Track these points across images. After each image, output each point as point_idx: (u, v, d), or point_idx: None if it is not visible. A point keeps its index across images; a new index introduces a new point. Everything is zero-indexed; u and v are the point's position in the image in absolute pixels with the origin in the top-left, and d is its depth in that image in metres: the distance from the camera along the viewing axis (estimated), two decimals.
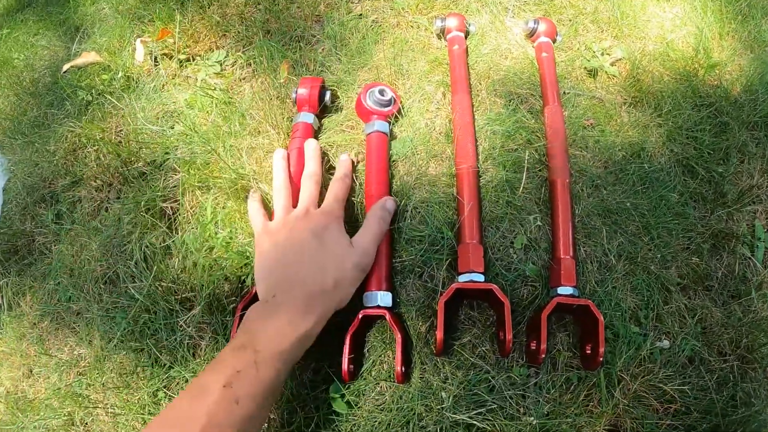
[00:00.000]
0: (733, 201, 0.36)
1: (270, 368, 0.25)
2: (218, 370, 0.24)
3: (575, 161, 0.36)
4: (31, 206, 0.43)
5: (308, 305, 0.27)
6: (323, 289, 0.28)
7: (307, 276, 0.28)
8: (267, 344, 0.25)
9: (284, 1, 0.44)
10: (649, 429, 0.31)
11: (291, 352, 0.26)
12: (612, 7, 0.43)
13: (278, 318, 0.26)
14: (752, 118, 0.40)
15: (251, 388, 0.24)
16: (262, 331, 0.26)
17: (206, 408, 0.23)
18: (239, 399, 0.23)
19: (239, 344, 0.25)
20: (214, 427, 0.23)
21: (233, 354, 0.25)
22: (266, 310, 0.27)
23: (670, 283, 0.34)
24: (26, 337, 0.38)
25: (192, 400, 0.24)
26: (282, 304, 0.27)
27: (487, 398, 0.29)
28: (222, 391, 0.23)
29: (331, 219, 0.30)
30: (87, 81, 0.46)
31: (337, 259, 0.29)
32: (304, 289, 0.27)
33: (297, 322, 0.26)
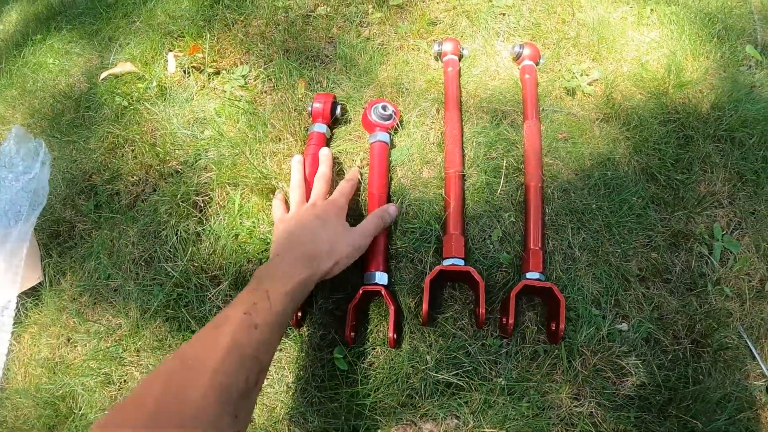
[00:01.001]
0: (693, 205, 0.52)
1: (280, 303, 0.37)
2: (237, 304, 0.36)
3: (548, 168, 0.52)
4: (71, 197, 0.61)
5: (306, 260, 0.41)
6: (318, 253, 0.42)
7: (307, 242, 0.42)
8: (275, 286, 0.38)
9: (301, 24, 0.64)
10: (607, 398, 0.45)
11: (294, 294, 0.38)
12: (592, 32, 0.60)
13: (282, 267, 0.40)
14: (718, 131, 0.56)
15: (266, 317, 0.35)
16: (271, 276, 0.39)
17: (230, 331, 0.33)
18: (257, 325, 0.34)
19: (253, 287, 0.38)
20: (237, 346, 0.32)
21: (249, 293, 0.37)
22: (272, 263, 0.41)
23: (630, 275, 0.49)
24: (66, 309, 0.55)
25: (217, 326, 0.34)
26: (285, 259, 0.41)
27: (465, 361, 0.45)
28: (242, 317, 0.34)
29: (334, 208, 0.46)
30: (123, 88, 0.65)
31: (333, 236, 0.44)
32: (302, 249, 0.42)
33: (297, 271, 0.40)
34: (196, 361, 0.31)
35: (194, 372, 0.30)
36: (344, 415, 0.44)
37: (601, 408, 0.45)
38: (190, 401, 0.29)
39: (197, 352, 0.32)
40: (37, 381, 0.54)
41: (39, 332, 0.56)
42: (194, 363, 0.31)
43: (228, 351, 0.31)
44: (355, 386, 0.45)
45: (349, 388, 0.45)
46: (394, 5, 0.63)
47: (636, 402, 0.46)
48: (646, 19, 0.63)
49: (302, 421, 0.45)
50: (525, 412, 0.44)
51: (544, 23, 0.62)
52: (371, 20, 0.63)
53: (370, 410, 0.44)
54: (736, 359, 0.49)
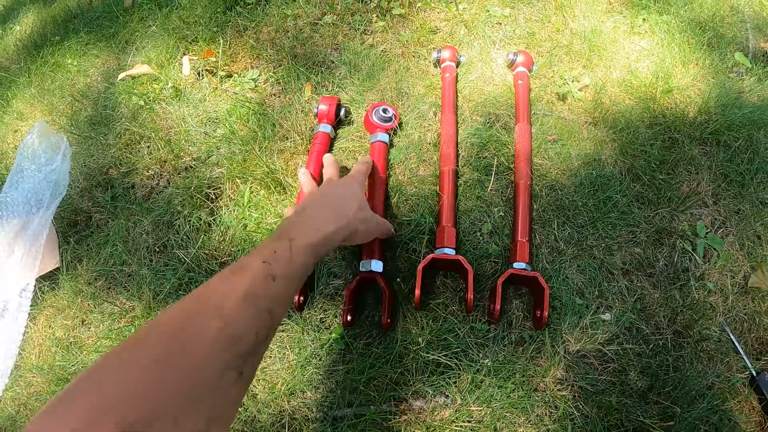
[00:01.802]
0: (677, 204, 0.61)
1: (302, 255, 0.38)
2: (258, 252, 0.36)
3: (537, 168, 0.62)
4: (88, 189, 0.73)
5: (332, 217, 0.44)
6: (347, 211, 0.46)
7: (336, 200, 0.47)
8: (299, 236, 0.40)
9: (309, 31, 0.76)
10: (590, 383, 0.54)
11: (318, 247, 0.40)
12: (584, 41, 0.71)
13: (308, 220, 0.43)
14: (704, 135, 0.66)
15: (285, 269, 0.36)
16: (296, 227, 0.41)
17: (246, 280, 0.33)
18: (276, 276, 0.35)
19: (276, 236, 0.40)
20: (252, 296, 0.32)
21: (271, 241, 0.38)
22: (298, 215, 0.44)
23: (614, 267, 0.58)
24: (82, 293, 0.66)
25: (233, 274, 0.34)
26: (311, 212, 0.44)
27: (454, 343, 0.54)
28: (261, 267, 0.34)
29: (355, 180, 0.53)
30: (140, 89, 0.78)
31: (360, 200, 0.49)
32: (331, 204, 0.46)
33: (324, 223, 0.43)
34: (210, 306, 0.31)
35: (207, 317, 0.30)
36: (340, 390, 0.53)
37: (583, 392, 0.54)
38: (198, 348, 0.28)
39: (212, 296, 0.32)
40: (51, 360, 0.64)
41: (54, 314, 0.67)
42: (208, 307, 0.31)
43: (243, 300, 0.32)
44: (351, 364, 0.54)
45: (345, 366, 0.54)
46: (397, 15, 0.75)
47: (617, 387, 0.54)
48: (638, 28, 0.74)
49: (301, 396, 0.54)
50: (510, 393, 0.53)
51: (538, 32, 0.73)
52: (375, 28, 0.75)
53: (365, 386, 0.53)
54: (719, 351, 0.57)
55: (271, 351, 0.57)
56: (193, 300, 0.32)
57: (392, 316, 0.55)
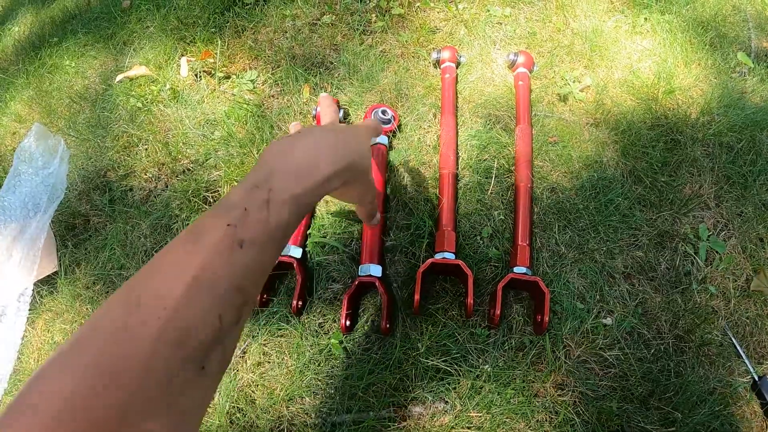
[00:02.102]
0: (679, 206, 0.60)
1: (282, 211, 0.27)
2: (221, 210, 0.26)
3: (538, 170, 0.61)
4: (86, 192, 0.71)
5: (329, 156, 0.30)
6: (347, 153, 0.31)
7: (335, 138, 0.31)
8: (283, 183, 0.28)
9: (307, 32, 0.74)
10: (591, 388, 0.52)
11: (305, 198, 0.28)
12: (585, 41, 0.69)
13: (300, 154, 0.29)
14: (706, 136, 0.64)
15: (259, 232, 0.26)
16: (281, 167, 0.28)
17: (202, 252, 0.24)
18: (243, 242, 0.25)
19: (251, 183, 0.28)
20: (208, 275, 0.24)
21: (244, 193, 0.27)
22: (289, 143, 0.30)
23: (615, 271, 0.56)
24: (80, 297, 0.65)
25: (187, 241, 0.25)
26: (306, 139, 0.30)
27: (454, 349, 0.52)
28: (224, 232, 0.25)
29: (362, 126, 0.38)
30: (138, 90, 0.76)
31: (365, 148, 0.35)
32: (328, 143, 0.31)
33: (316, 167, 0.29)
34: (154, 291, 0.24)
35: (147, 310, 0.23)
36: (339, 396, 0.52)
37: (584, 397, 0.52)
38: (138, 350, 0.22)
39: (158, 277, 0.25)
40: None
41: (53, 318, 0.65)
42: (149, 296, 0.24)
43: (194, 282, 0.24)
44: (350, 370, 0.53)
45: (344, 371, 0.53)
46: (396, 14, 0.73)
47: (618, 393, 0.53)
48: (640, 28, 0.72)
49: (300, 402, 0.53)
50: (510, 399, 0.52)
51: (539, 32, 0.71)
52: (374, 29, 0.73)
53: (364, 392, 0.52)
54: (720, 356, 0.55)
55: (269, 356, 0.55)
56: (136, 284, 0.25)
57: (391, 321, 0.54)
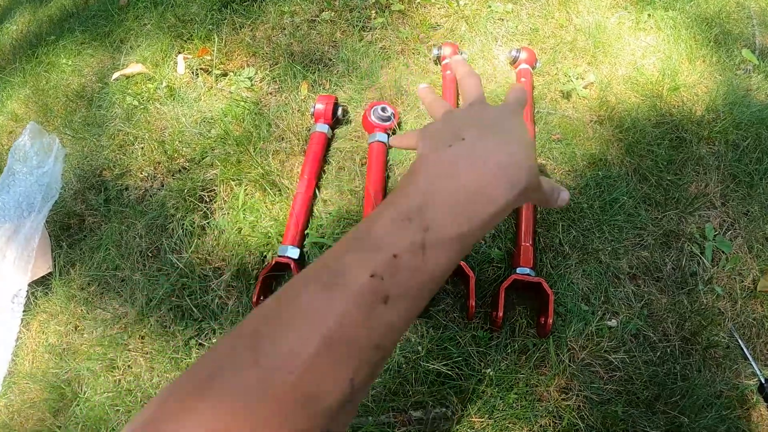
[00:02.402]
0: (685, 205, 0.57)
1: (440, 257, 0.20)
2: (365, 251, 0.20)
3: (542, 168, 0.58)
4: (82, 191, 0.69)
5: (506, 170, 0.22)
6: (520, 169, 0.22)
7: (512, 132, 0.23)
8: (444, 219, 0.21)
9: (306, 28, 0.72)
10: (595, 392, 0.50)
11: (471, 239, 0.21)
12: (588, 37, 0.67)
13: (466, 176, 0.21)
14: (712, 134, 0.62)
15: (408, 285, 0.20)
16: (441, 198, 0.21)
17: (341, 303, 0.19)
18: (389, 297, 0.20)
19: (404, 212, 0.21)
20: (344, 332, 0.19)
21: (394, 228, 0.21)
22: (451, 159, 0.22)
23: (620, 272, 0.54)
24: (74, 298, 0.63)
25: (323, 286, 0.20)
26: (471, 152, 0.22)
27: (455, 352, 0.50)
28: (367, 284, 0.19)
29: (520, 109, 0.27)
30: (134, 88, 0.74)
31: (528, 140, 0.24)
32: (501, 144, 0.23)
33: (489, 192, 0.21)
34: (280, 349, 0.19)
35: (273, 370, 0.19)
36: None
37: (588, 402, 0.50)
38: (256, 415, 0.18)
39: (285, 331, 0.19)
40: (45, 366, 0.61)
41: (47, 320, 0.63)
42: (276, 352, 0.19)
43: (327, 342, 0.19)
44: None
45: None
46: (396, 11, 0.70)
47: (623, 397, 0.51)
48: (643, 24, 0.70)
49: None
50: (513, 403, 0.50)
51: (541, 28, 0.69)
52: (374, 25, 0.70)
53: None
54: (727, 358, 0.53)
55: None
56: (262, 328, 0.20)
57: None
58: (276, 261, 0.53)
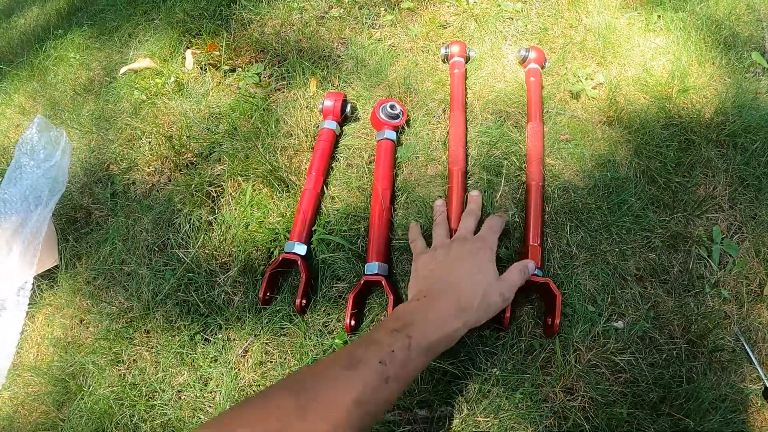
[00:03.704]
0: (693, 208, 0.56)
1: (420, 356, 0.32)
2: (373, 346, 0.31)
3: (550, 169, 0.57)
4: (88, 185, 0.68)
5: (459, 310, 0.36)
6: (471, 303, 0.37)
7: (462, 286, 0.38)
8: (420, 333, 0.33)
9: (315, 25, 0.70)
10: (601, 393, 0.49)
11: (437, 347, 0.34)
12: (598, 37, 0.65)
13: (432, 311, 0.36)
14: (720, 136, 0.60)
15: (399, 372, 0.30)
16: (419, 320, 0.34)
17: (361, 380, 0.29)
18: (389, 379, 0.29)
19: (392, 328, 0.33)
20: (364, 402, 0.28)
21: (388, 335, 0.32)
22: (420, 305, 0.36)
23: (627, 274, 0.53)
24: (80, 292, 0.61)
25: (347, 369, 0.30)
26: (435, 301, 0.36)
27: (461, 351, 0.49)
28: (377, 368, 0.29)
29: (485, 245, 0.43)
30: (142, 83, 0.72)
31: (486, 284, 0.40)
32: (457, 295, 0.37)
33: (448, 320, 0.35)
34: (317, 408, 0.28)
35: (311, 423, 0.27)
36: None
37: (593, 403, 0.49)
38: None
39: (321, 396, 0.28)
40: (49, 359, 0.59)
41: (53, 313, 0.62)
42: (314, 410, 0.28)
43: (355, 405, 0.28)
44: None
45: None
46: (405, 8, 0.69)
47: (629, 398, 0.49)
48: (653, 25, 0.68)
49: None
50: (519, 403, 0.48)
51: (551, 28, 0.67)
52: (383, 22, 0.68)
53: None
54: (732, 362, 0.52)
55: (271, 356, 0.52)
56: (308, 391, 0.29)
57: None
58: (283, 257, 0.52)
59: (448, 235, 0.45)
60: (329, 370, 0.30)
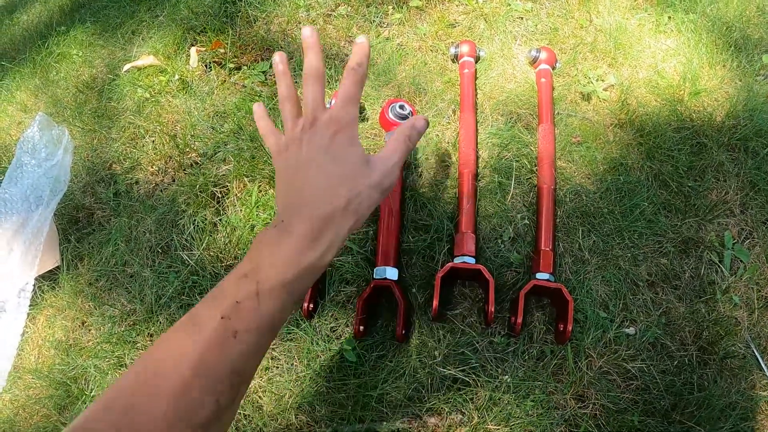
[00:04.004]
0: (705, 213, 0.54)
1: (273, 300, 0.27)
2: (216, 301, 0.27)
3: (561, 171, 0.55)
4: (91, 185, 0.65)
5: (317, 230, 0.29)
6: (333, 212, 0.29)
7: (316, 197, 0.29)
8: (271, 274, 0.27)
9: (322, 22, 0.67)
10: (612, 401, 0.47)
11: (296, 283, 0.28)
12: (609, 38, 0.63)
13: (285, 245, 0.28)
14: (732, 140, 0.58)
15: (251, 322, 0.26)
16: (268, 259, 0.28)
17: (200, 342, 0.25)
18: (237, 332, 0.26)
19: (241, 273, 0.28)
20: (206, 363, 0.25)
21: (235, 283, 0.27)
22: (274, 235, 0.29)
23: (639, 279, 0.51)
24: (82, 293, 0.58)
25: (184, 333, 0.26)
26: (289, 230, 0.29)
27: (472, 358, 0.47)
28: (218, 324, 0.26)
29: (338, 127, 0.31)
30: (146, 81, 0.69)
31: (350, 177, 0.30)
32: (312, 212, 0.29)
33: (304, 250, 0.28)
34: (159, 378, 0.26)
35: (155, 392, 0.25)
36: (351, 405, 0.46)
37: (605, 410, 0.47)
38: (147, 428, 0.25)
39: (161, 366, 0.26)
40: (50, 362, 0.57)
41: (54, 315, 0.59)
42: (157, 381, 0.26)
43: (194, 370, 0.25)
44: (363, 378, 0.47)
45: (357, 379, 0.47)
46: (414, 7, 0.66)
47: (640, 406, 0.47)
48: (664, 26, 0.65)
49: (310, 410, 0.47)
50: (529, 411, 0.46)
51: (561, 28, 0.64)
52: (391, 21, 0.66)
53: (377, 402, 0.46)
54: (743, 368, 0.50)
55: (278, 361, 0.49)
56: (141, 370, 0.27)
57: (407, 327, 0.48)
58: None
59: (298, 112, 0.33)
60: (169, 335, 0.27)
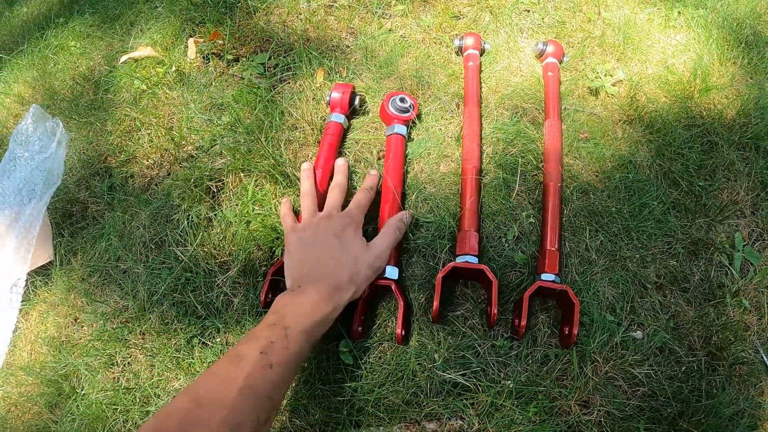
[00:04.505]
0: (715, 213, 0.50)
1: (298, 343, 0.36)
2: (254, 341, 0.35)
3: (569, 168, 0.50)
4: (85, 178, 0.61)
5: (328, 295, 0.39)
6: (339, 283, 0.40)
7: (328, 271, 0.40)
8: (294, 323, 0.37)
9: (323, 13, 0.62)
10: (618, 407, 0.43)
11: (313, 331, 0.37)
12: (618, 32, 0.58)
13: (304, 302, 0.38)
14: (743, 139, 0.54)
15: (282, 357, 0.34)
16: (291, 312, 0.38)
17: (244, 370, 0.33)
18: (273, 365, 0.34)
19: (271, 322, 0.37)
20: (251, 387, 0.32)
21: (266, 329, 0.36)
22: (293, 296, 0.39)
23: (647, 281, 0.47)
24: (75, 289, 0.55)
25: (230, 364, 0.34)
26: (307, 292, 0.39)
27: (473, 361, 0.43)
28: (258, 357, 0.33)
29: (352, 223, 0.43)
30: (143, 72, 0.64)
31: (353, 259, 0.41)
32: (325, 281, 0.40)
33: (319, 306, 0.38)
34: (209, 400, 0.32)
35: (207, 411, 0.31)
36: (347, 409, 0.43)
37: (610, 417, 0.43)
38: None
39: (211, 390, 0.33)
40: (43, 359, 0.53)
41: (47, 311, 0.55)
42: (207, 402, 0.32)
43: (241, 391, 0.32)
44: (360, 381, 0.43)
45: (353, 382, 0.43)
46: None
47: (646, 413, 0.43)
48: (673, 21, 0.61)
49: (304, 413, 0.44)
50: (532, 417, 0.42)
51: (569, 21, 0.60)
52: (394, 12, 0.61)
53: (374, 406, 0.42)
54: (752, 375, 0.46)
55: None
56: (195, 393, 0.33)
57: (406, 328, 0.44)
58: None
59: (316, 207, 0.45)
60: (216, 368, 0.34)
